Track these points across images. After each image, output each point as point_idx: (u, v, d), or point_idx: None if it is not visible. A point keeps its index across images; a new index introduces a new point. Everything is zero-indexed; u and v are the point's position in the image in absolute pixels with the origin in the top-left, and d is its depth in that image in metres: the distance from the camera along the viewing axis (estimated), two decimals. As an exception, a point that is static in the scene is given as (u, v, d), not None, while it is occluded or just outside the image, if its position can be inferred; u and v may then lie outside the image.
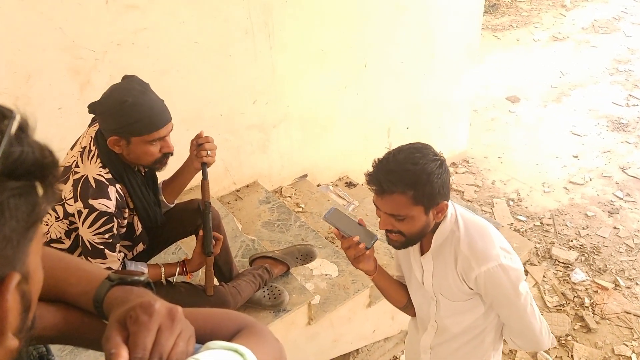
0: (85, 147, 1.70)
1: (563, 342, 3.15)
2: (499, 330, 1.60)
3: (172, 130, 1.70)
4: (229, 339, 0.69)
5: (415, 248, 1.53)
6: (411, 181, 1.29)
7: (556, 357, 3.07)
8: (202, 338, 0.69)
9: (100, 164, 1.66)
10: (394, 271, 1.76)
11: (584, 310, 3.34)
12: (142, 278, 0.71)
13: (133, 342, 0.58)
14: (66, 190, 1.65)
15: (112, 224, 1.65)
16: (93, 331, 0.70)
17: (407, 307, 1.70)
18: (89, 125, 1.80)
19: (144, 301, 0.61)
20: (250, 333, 0.70)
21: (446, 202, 1.36)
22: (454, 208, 1.46)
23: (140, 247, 1.93)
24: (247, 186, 3.36)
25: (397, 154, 1.33)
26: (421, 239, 1.45)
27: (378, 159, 1.35)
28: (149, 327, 0.59)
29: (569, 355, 3.07)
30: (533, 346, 1.58)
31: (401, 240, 1.41)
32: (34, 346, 0.74)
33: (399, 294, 1.68)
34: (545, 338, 1.52)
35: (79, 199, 1.61)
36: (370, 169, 1.35)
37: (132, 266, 1.86)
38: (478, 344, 1.59)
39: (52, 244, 1.76)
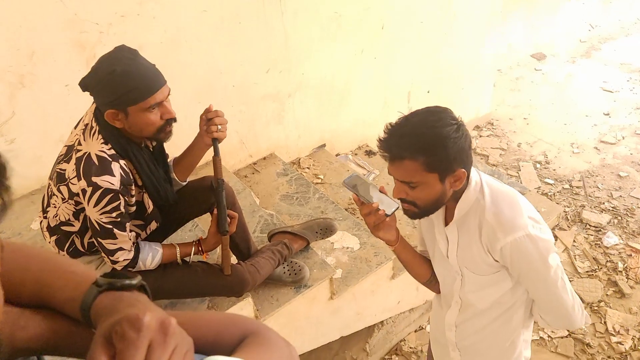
0: (87, 125, 1.63)
1: (595, 308, 3.05)
2: (528, 307, 1.50)
3: (169, 94, 1.60)
4: (233, 347, 0.61)
5: (439, 219, 1.44)
6: (422, 146, 1.20)
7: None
8: (204, 347, 0.62)
9: (102, 140, 1.58)
10: (418, 245, 1.67)
11: (617, 275, 3.22)
12: (134, 281, 0.63)
13: None
14: (69, 169, 1.59)
15: (118, 202, 1.58)
16: (83, 341, 0.63)
17: (431, 282, 1.61)
18: (94, 102, 1.72)
19: (130, 314, 0.53)
20: (255, 341, 0.62)
21: (464, 169, 1.25)
22: (479, 176, 1.36)
23: (154, 225, 1.87)
24: (264, 158, 3.28)
25: (411, 118, 1.24)
26: (436, 209, 1.36)
27: (390, 124, 1.26)
28: (137, 344, 0.51)
29: (602, 322, 2.98)
30: (564, 324, 1.47)
31: (414, 211, 1.33)
32: (24, 358, 0.67)
33: (422, 268, 1.59)
34: (578, 315, 1.42)
35: (82, 177, 1.54)
36: (383, 134, 1.25)
37: (147, 247, 1.80)
38: (506, 321, 1.50)
39: (62, 227, 1.71)
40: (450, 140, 1.19)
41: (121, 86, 1.49)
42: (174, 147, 1.90)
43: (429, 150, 1.20)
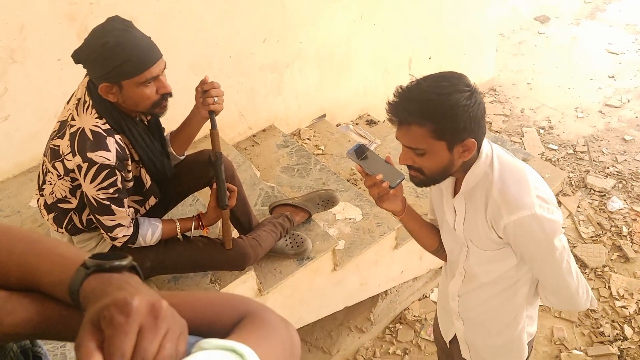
0: (80, 99, 1.58)
1: (600, 273, 3.04)
2: (534, 284, 1.48)
3: (165, 68, 1.56)
4: (230, 329, 0.59)
5: (449, 189, 1.41)
6: (431, 112, 1.16)
7: (593, 289, 2.97)
8: (199, 329, 0.59)
9: (96, 115, 1.54)
10: (428, 214, 1.64)
11: (621, 239, 3.20)
12: (124, 262, 0.60)
13: (108, 349, 0.48)
14: (64, 145, 1.55)
15: (114, 177, 1.55)
16: (74, 325, 0.60)
17: (439, 251, 1.59)
18: (86, 75, 1.67)
19: (119, 298, 0.50)
20: (253, 323, 0.59)
21: (474, 139, 1.21)
22: (491, 148, 1.31)
23: (152, 200, 1.84)
24: (264, 130, 3.23)
25: (422, 82, 1.19)
26: (443, 178, 1.32)
27: (401, 87, 1.21)
28: (126, 329, 0.49)
29: (606, 287, 2.97)
30: (567, 306, 1.46)
31: (420, 178, 1.30)
32: (16, 342, 0.65)
33: (429, 237, 1.57)
34: (583, 298, 1.40)
35: (77, 153, 1.51)
36: (393, 98, 1.21)
37: (146, 222, 1.78)
38: (510, 296, 1.48)
39: (59, 204, 1.69)
40: (461, 108, 1.15)
41: (114, 59, 1.44)
42: (170, 121, 1.86)
43: (437, 116, 1.16)
